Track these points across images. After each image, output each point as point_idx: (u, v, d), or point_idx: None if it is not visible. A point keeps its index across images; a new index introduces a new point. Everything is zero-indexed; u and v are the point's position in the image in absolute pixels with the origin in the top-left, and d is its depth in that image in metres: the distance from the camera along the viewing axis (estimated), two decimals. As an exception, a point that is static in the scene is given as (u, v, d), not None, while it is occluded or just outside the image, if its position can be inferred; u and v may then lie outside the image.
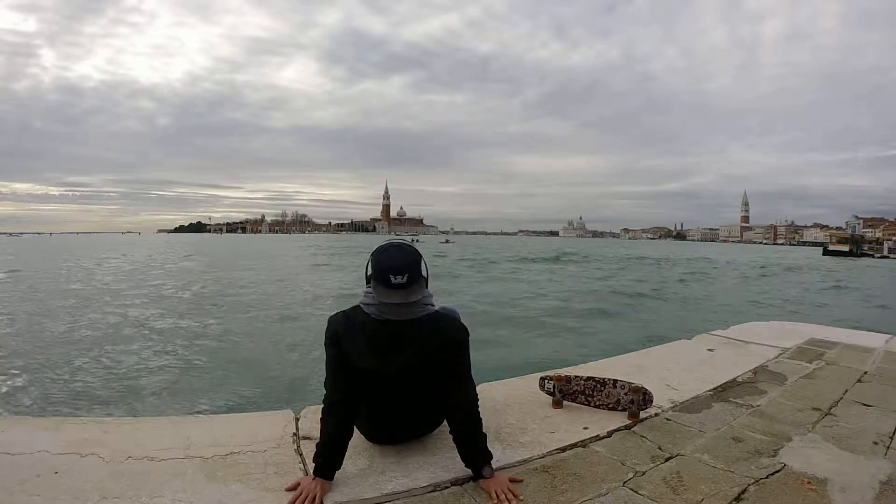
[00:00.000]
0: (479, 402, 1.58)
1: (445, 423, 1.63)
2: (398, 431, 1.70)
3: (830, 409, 2.24)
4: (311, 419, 1.90)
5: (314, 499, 1.37)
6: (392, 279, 1.44)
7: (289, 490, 1.42)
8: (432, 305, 1.60)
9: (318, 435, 1.52)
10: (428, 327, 1.53)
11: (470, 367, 1.60)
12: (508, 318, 10.31)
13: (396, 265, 1.46)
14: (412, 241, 1.58)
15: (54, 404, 4.94)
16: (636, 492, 1.48)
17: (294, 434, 1.81)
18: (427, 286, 1.59)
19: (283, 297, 13.62)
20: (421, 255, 1.55)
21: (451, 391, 1.54)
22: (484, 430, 1.56)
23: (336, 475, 1.47)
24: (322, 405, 1.54)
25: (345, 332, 1.53)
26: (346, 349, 1.52)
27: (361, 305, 1.56)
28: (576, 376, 2.18)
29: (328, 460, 1.45)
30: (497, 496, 1.42)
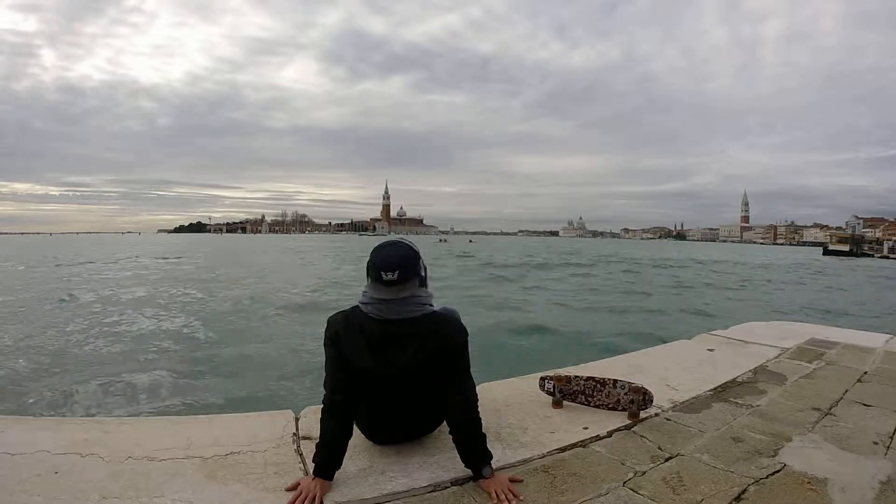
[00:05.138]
0: (478, 403, 1.58)
1: (445, 423, 1.63)
2: (398, 431, 1.70)
3: (830, 409, 2.24)
4: (311, 419, 1.90)
5: (314, 498, 1.37)
6: (384, 275, 1.48)
7: (289, 490, 1.42)
8: (431, 305, 1.60)
9: (318, 435, 1.53)
10: (426, 327, 1.54)
11: (469, 367, 1.60)
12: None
13: (389, 262, 1.50)
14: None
15: (54, 404, 4.94)
16: (636, 492, 1.48)
17: (294, 434, 1.81)
18: (425, 285, 1.60)
19: (283, 296, 13.61)
20: (416, 253, 1.57)
21: (450, 391, 1.55)
22: (484, 430, 1.56)
23: (336, 475, 1.47)
24: (322, 405, 1.54)
25: (344, 333, 1.54)
26: (345, 349, 1.53)
27: (360, 305, 1.57)
28: (576, 376, 2.18)
29: (328, 460, 1.46)
30: (497, 496, 1.42)
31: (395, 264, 1.50)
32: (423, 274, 1.59)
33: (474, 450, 1.52)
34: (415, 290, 1.54)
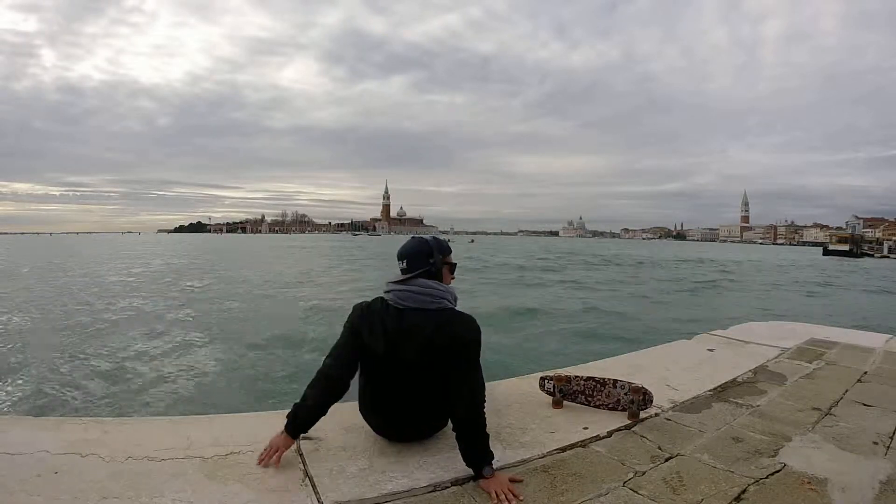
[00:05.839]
0: (485, 403, 1.59)
1: (449, 424, 1.64)
2: (404, 426, 1.71)
3: (830, 409, 2.24)
4: (311, 419, 1.91)
5: (276, 451, 1.55)
6: (398, 264, 1.71)
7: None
8: (449, 302, 1.66)
9: (302, 399, 1.60)
10: (439, 321, 1.59)
11: (478, 367, 1.63)
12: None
13: (401, 252, 1.71)
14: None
15: (54, 404, 4.94)
16: (636, 492, 1.48)
17: (294, 434, 1.80)
18: (439, 278, 1.70)
19: (282, 297, 13.62)
20: (429, 247, 1.71)
21: (456, 388, 1.56)
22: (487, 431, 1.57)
23: (336, 474, 1.49)
24: (316, 372, 1.63)
25: (365, 317, 1.65)
26: (363, 333, 1.63)
27: (384, 294, 1.68)
28: (576, 376, 2.18)
29: (299, 423, 1.58)
30: (497, 496, 1.42)
31: (405, 254, 1.70)
32: (436, 267, 1.69)
33: (475, 449, 1.52)
34: (426, 281, 1.64)
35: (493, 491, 1.44)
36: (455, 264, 1.80)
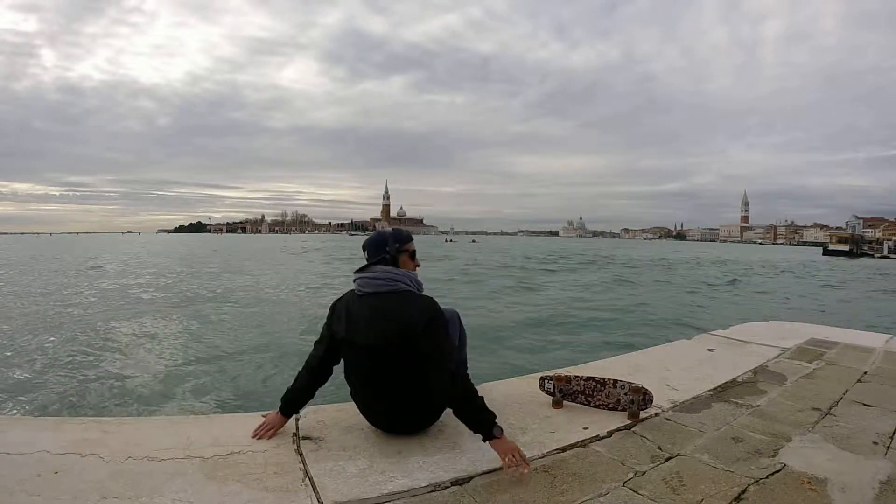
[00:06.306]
0: (467, 369, 1.67)
1: (443, 421, 1.65)
2: (385, 412, 1.75)
3: (830, 409, 2.24)
4: (311, 419, 1.92)
5: (271, 428, 1.77)
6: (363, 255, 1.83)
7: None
8: (406, 285, 1.71)
9: (293, 384, 1.85)
10: (398, 302, 1.67)
11: (447, 338, 1.69)
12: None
13: (363, 244, 1.83)
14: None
15: (54, 404, 4.94)
16: (636, 492, 1.48)
17: (294, 434, 1.81)
18: (396, 264, 1.76)
19: (282, 296, 13.62)
20: (383, 237, 1.82)
21: (433, 364, 1.61)
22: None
23: (336, 474, 1.50)
24: (304, 363, 1.84)
25: (337, 307, 1.80)
26: (332, 321, 1.79)
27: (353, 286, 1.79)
28: (576, 376, 2.18)
29: (291, 405, 1.82)
30: (508, 458, 1.48)
31: (365, 245, 1.82)
32: (390, 255, 1.77)
33: (473, 413, 1.57)
34: (383, 267, 1.74)
35: (505, 453, 1.50)
36: (415, 251, 1.87)
